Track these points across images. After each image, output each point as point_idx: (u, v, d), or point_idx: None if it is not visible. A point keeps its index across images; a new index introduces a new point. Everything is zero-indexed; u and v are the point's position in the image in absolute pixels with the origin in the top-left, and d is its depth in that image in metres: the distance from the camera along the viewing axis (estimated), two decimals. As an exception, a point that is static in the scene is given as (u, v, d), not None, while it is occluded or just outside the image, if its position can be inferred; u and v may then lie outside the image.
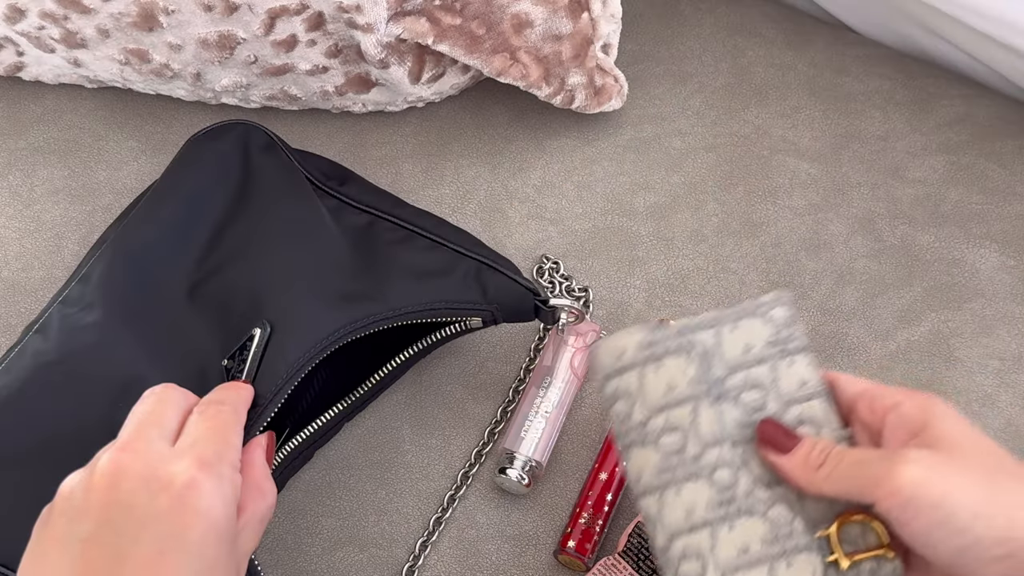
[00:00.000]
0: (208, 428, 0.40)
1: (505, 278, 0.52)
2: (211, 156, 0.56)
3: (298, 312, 0.49)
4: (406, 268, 0.51)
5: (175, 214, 0.54)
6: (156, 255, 0.53)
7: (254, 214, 0.53)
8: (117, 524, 0.36)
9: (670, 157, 0.64)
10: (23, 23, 0.58)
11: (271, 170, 0.55)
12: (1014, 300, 0.59)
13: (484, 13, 0.57)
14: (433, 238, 0.53)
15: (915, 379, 0.56)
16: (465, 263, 0.52)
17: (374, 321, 0.49)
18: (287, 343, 0.47)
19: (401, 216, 0.54)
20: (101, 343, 0.50)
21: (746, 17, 0.70)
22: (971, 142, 0.64)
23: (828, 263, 0.60)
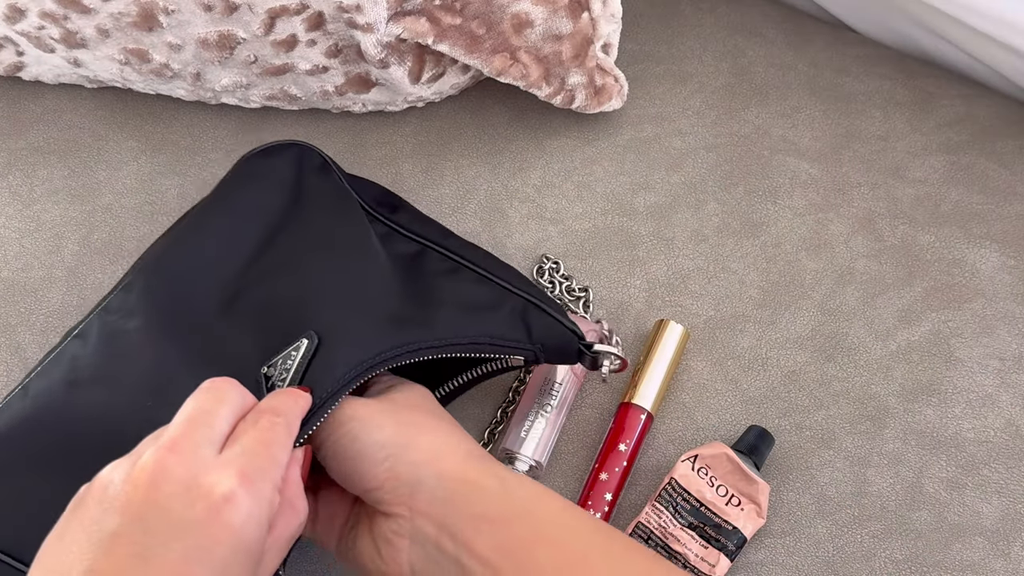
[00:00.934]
0: (258, 441, 0.40)
1: (551, 319, 0.51)
2: (264, 173, 0.56)
3: (347, 328, 0.48)
4: (454, 300, 0.51)
5: (223, 225, 0.54)
6: (200, 263, 0.52)
7: (304, 230, 0.53)
8: (149, 525, 0.36)
9: (670, 157, 0.64)
10: (23, 23, 0.58)
11: (324, 191, 0.55)
12: (1014, 300, 0.58)
13: (484, 13, 0.57)
14: (481, 272, 0.53)
15: (915, 379, 0.56)
16: (511, 300, 0.52)
17: (421, 348, 0.48)
18: (335, 357, 0.47)
19: (450, 247, 0.54)
20: (139, 347, 0.50)
21: (746, 17, 0.70)
22: (971, 142, 0.64)
23: (828, 263, 0.60)
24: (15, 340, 0.58)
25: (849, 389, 0.56)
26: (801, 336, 0.58)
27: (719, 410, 0.56)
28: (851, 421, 0.56)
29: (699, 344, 0.58)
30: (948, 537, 0.53)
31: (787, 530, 0.53)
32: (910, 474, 0.54)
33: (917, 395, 0.56)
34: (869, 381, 0.57)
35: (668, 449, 0.55)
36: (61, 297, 0.60)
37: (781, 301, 0.59)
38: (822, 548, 0.53)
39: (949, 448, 0.55)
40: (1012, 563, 0.52)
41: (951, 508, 0.53)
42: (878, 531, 0.53)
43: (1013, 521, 0.53)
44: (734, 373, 0.57)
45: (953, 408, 0.56)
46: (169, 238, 0.55)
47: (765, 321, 0.58)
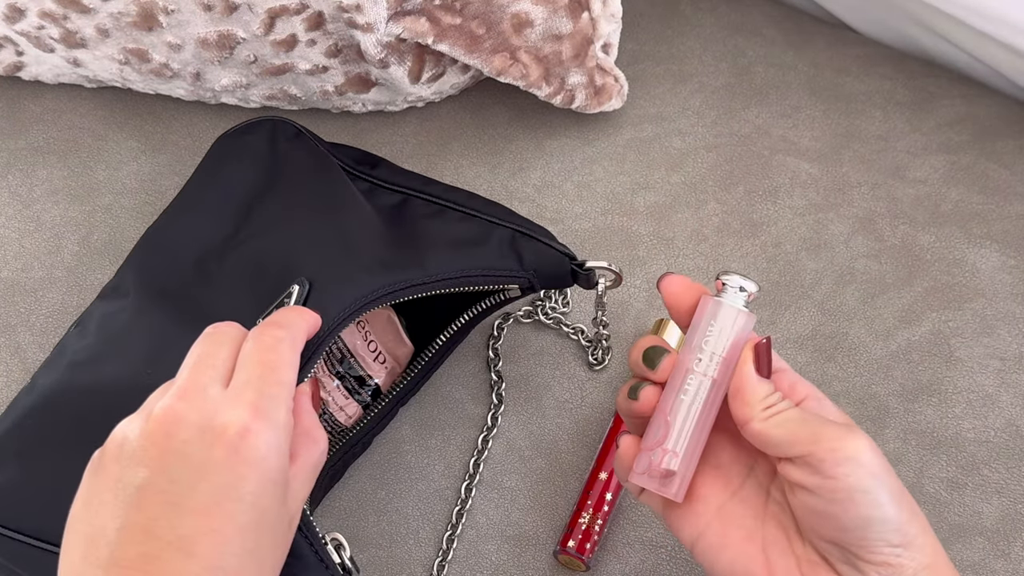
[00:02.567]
0: (262, 364, 0.39)
1: (540, 244, 0.51)
2: (240, 148, 0.56)
3: (337, 273, 0.48)
4: (442, 239, 0.51)
5: (204, 199, 0.55)
6: (185, 236, 0.53)
7: (286, 193, 0.54)
8: (173, 473, 0.37)
9: (670, 157, 0.64)
10: (23, 23, 0.58)
11: (300, 156, 0.56)
12: (1015, 300, 0.58)
13: (484, 13, 0.57)
14: (465, 210, 0.53)
15: (916, 379, 0.56)
16: (499, 231, 0.52)
17: (413, 285, 0.48)
18: (327, 299, 0.46)
19: (432, 192, 0.55)
20: (133, 322, 0.51)
21: (746, 17, 0.70)
22: (972, 142, 0.64)
23: (828, 263, 0.60)
24: (15, 340, 0.58)
25: (849, 389, 0.56)
26: (801, 336, 0.58)
27: (719, 410, 0.56)
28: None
29: (699, 344, 0.58)
30: (948, 537, 0.53)
31: (787, 530, 0.53)
32: (910, 474, 0.54)
33: (917, 395, 0.56)
34: (869, 381, 0.57)
35: (668, 449, 0.55)
36: (61, 297, 0.60)
37: (781, 301, 0.59)
38: (822, 548, 0.53)
39: (949, 448, 0.55)
40: (1012, 563, 0.52)
41: (951, 508, 0.53)
42: (878, 531, 0.53)
43: (1013, 521, 0.53)
44: (734, 373, 0.57)
45: (953, 408, 0.56)
46: (154, 224, 0.56)
47: (765, 321, 0.58)
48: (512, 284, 0.51)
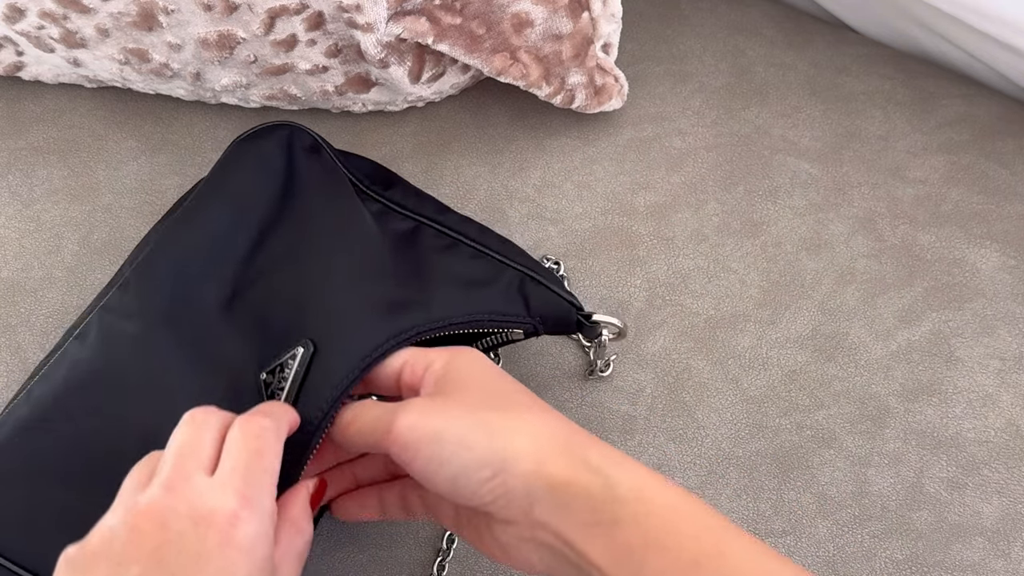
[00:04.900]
0: (248, 451, 0.40)
1: (548, 291, 0.51)
2: (255, 159, 0.56)
3: (342, 326, 0.48)
4: (450, 277, 0.51)
5: (216, 220, 0.54)
6: (196, 262, 0.52)
7: (297, 221, 0.53)
8: (170, 565, 0.37)
9: (670, 157, 0.64)
10: (23, 23, 0.58)
11: (315, 174, 0.55)
12: (1015, 300, 0.58)
13: (484, 12, 0.57)
14: (477, 247, 0.53)
15: (916, 379, 0.56)
16: (508, 273, 0.52)
17: (419, 332, 0.48)
18: (332, 363, 0.47)
19: (445, 223, 0.54)
20: (138, 349, 0.50)
21: (746, 17, 0.70)
22: (972, 142, 0.64)
23: (829, 263, 0.60)
24: (15, 340, 0.58)
25: (849, 389, 0.56)
26: (801, 336, 0.58)
27: (720, 409, 0.56)
28: (851, 421, 0.55)
29: (700, 343, 0.58)
30: (948, 537, 0.53)
31: (787, 529, 0.53)
32: (910, 474, 0.54)
33: (917, 395, 0.56)
34: (869, 381, 0.57)
35: (668, 448, 0.55)
36: (61, 297, 0.60)
37: (781, 301, 0.59)
38: (823, 548, 0.53)
39: (949, 448, 0.55)
40: (1012, 563, 0.52)
41: (951, 508, 0.53)
42: (878, 531, 0.53)
43: (1013, 521, 0.53)
44: (735, 372, 0.57)
45: (953, 408, 0.56)
46: (163, 231, 0.55)
47: (765, 321, 0.58)
48: (517, 329, 0.51)
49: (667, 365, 0.57)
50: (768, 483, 0.54)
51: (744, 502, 0.53)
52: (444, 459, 0.41)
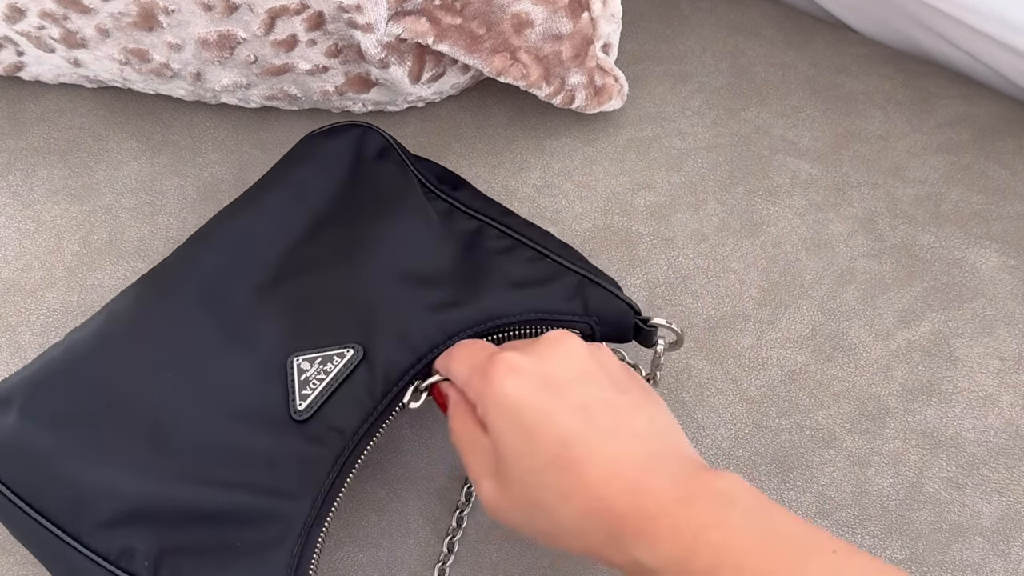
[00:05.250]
0: None
1: (607, 292, 0.51)
2: (323, 154, 0.56)
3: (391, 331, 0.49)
4: (507, 277, 0.51)
5: (272, 203, 0.54)
6: (245, 240, 0.53)
7: (357, 218, 0.53)
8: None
9: (670, 157, 0.64)
10: (23, 23, 0.58)
11: (383, 174, 0.55)
12: (1015, 300, 0.58)
13: (484, 13, 0.57)
14: (539, 249, 0.53)
15: (916, 379, 0.56)
16: (568, 276, 0.52)
17: (465, 329, 0.49)
18: (377, 371, 0.48)
19: (509, 224, 0.54)
20: (171, 315, 0.51)
21: (746, 17, 0.70)
22: (971, 142, 0.64)
23: (828, 263, 0.60)
24: (15, 340, 0.58)
25: (849, 389, 0.56)
26: (801, 336, 0.58)
27: (719, 409, 0.56)
28: (851, 421, 0.56)
29: (699, 343, 0.58)
30: (948, 537, 0.53)
31: (787, 530, 0.53)
32: (910, 474, 0.54)
33: (917, 395, 0.56)
34: (869, 381, 0.57)
35: (668, 449, 0.55)
36: (61, 297, 0.60)
37: (781, 301, 0.59)
38: (822, 548, 0.53)
39: (949, 448, 0.55)
40: (1012, 563, 0.52)
41: (951, 508, 0.53)
42: (878, 531, 0.53)
43: (1013, 521, 0.53)
44: (734, 372, 0.57)
45: (953, 408, 0.56)
46: (220, 213, 0.56)
47: (765, 320, 0.58)
48: (574, 329, 0.50)
49: (667, 365, 0.57)
50: (768, 483, 0.54)
51: (744, 502, 0.54)
52: None
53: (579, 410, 0.42)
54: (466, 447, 0.45)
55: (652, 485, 0.40)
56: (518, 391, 0.42)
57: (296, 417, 0.47)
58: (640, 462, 0.41)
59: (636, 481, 0.40)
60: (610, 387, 0.43)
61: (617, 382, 0.44)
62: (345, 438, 0.47)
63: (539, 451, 0.41)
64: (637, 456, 0.41)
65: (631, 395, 0.44)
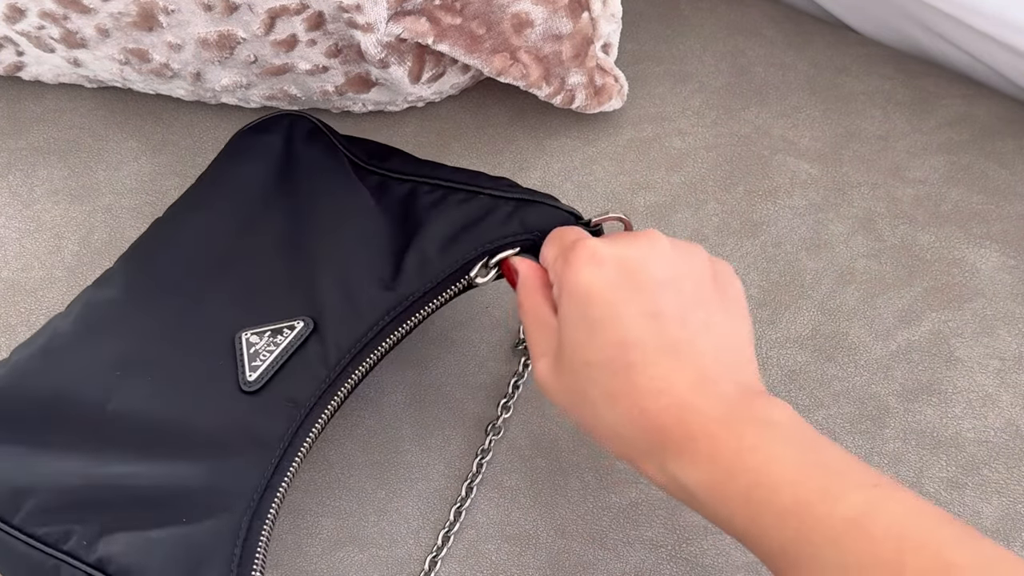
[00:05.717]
0: None
1: (544, 207, 0.51)
2: (254, 147, 0.56)
3: (341, 304, 0.49)
4: (444, 231, 0.51)
5: (212, 196, 0.55)
6: (189, 234, 0.53)
7: (293, 202, 0.54)
8: None
9: (670, 157, 0.64)
10: (23, 23, 0.58)
11: (313, 157, 0.55)
12: (1015, 300, 0.58)
13: (484, 13, 0.57)
14: (468, 188, 0.52)
15: (915, 379, 0.56)
16: (502, 204, 0.51)
17: (415, 301, 0.49)
18: (329, 343, 0.48)
19: (439, 176, 0.54)
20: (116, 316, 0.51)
21: (746, 17, 0.70)
22: (971, 142, 0.64)
23: (828, 263, 0.60)
24: (15, 340, 0.58)
25: (849, 389, 0.56)
26: (801, 336, 0.58)
27: (719, 410, 0.56)
28: (851, 421, 0.56)
29: (699, 344, 0.58)
30: (948, 537, 0.53)
31: (787, 530, 0.53)
32: (910, 474, 0.54)
33: (917, 395, 0.56)
34: (869, 381, 0.57)
35: (668, 449, 0.55)
36: (61, 297, 0.60)
37: (781, 301, 0.59)
38: (822, 548, 0.53)
39: (949, 448, 0.55)
40: (1012, 563, 0.52)
41: (951, 508, 0.53)
42: (878, 531, 0.53)
43: (1013, 521, 0.53)
44: (734, 373, 0.57)
45: (953, 408, 0.56)
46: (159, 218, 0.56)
47: (765, 321, 0.58)
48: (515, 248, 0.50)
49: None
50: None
51: (744, 502, 0.54)
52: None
53: (648, 317, 0.41)
54: (531, 322, 0.45)
55: (699, 405, 0.39)
56: (593, 281, 0.41)
57: (245, 388, 0.47)
58: (693, 381, 0.40)
59: (684, 399, 0.39)
60: (690, 297, 0.42)
61: (700, 290, 0.42)
62: (299, 407, 0.47)
63: (597, 347, 0.41)
64: (692, 375, 0.40)
65: (707, 308, 0.42)
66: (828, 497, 0.36)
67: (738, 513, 0.38)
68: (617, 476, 0.54)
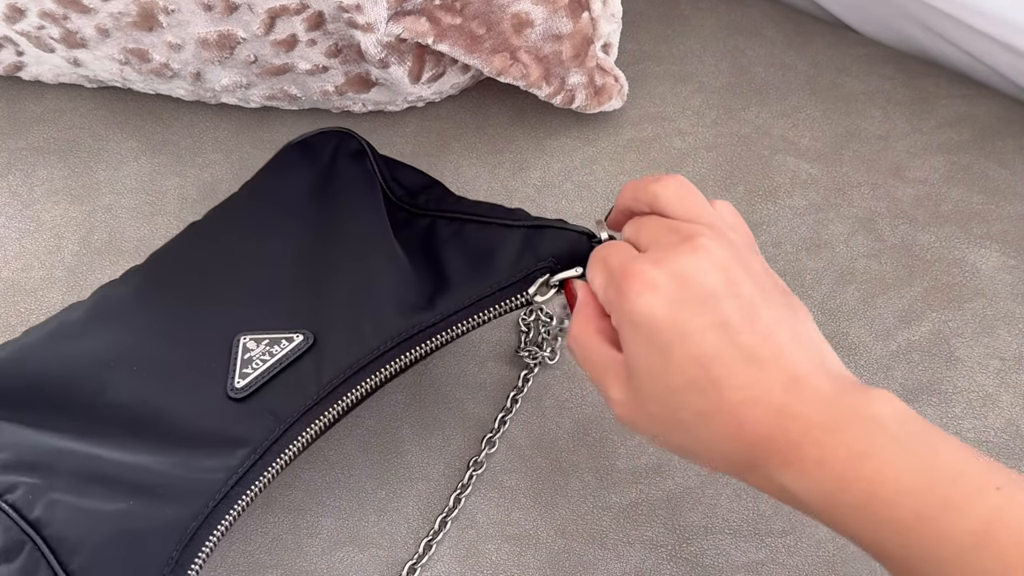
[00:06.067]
0: None
1: (555, 231, 0.50)
2: (298, 161, 0.56)
3: (343, 324, 0.49)
4: (457, 263, 0.51)
5: (245, 204, 0.55)
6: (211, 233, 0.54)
7: (320, 221, 0.53)
8: None
9: (670, 157, 0.64)
10: (23, 23, 0.58)
11: (349, 178, 0.55)
12: (1015, 300, 0.58)
13: (484, 13, 0.57)
14: (483, 219, 0.52)
15: (916, 379, 0.56)
16: (514, 234, 0.50)
17: (423, 331, 0.48)
18: (326, 361, 0.48)
19: (457, 209, 0.53)
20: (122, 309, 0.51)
21: (746, 17, 0.70)
22: (971, 142, 0.64)
23: (829, 263, 0.60)
24: (15, 340, 0.58)
25: (849, 389, 0.56)
26: (801, 336, 0.58)
27: (719, 410, 0.56)
28: (851, 421, 0.55)
29: (699, 344, 0.58)
30: (948, 537, 0.53)
31: (787, 529, 0.53)
32: (910, 474, 0.54)
33: (917, 395, 0.56)
34: (869, 381, 0.57)
35: (668, 449, 0.55)
36: (61, 297, 0.60)
37: (781, 301, 0.59)
38: (823, 548, 0.52)
39: (949, 448, 0.55)
40: (1012, 563, 0.52)
41: (951, 508, 0.53)
42: (878, 531, 0.53)
43: (1013, 521, 0.53)
44: (734, 373, 0.57)
45: (953, 408, 0.56)
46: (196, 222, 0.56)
47: (765, 321, 0.58)
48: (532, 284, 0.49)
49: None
50: (768, 483, 0.54)
51: (744, 502, 0.53)
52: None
53: (717, 328, 0.39)
54: (584, 353, 0.44)
55: (796, 410, 0.38)
56: (653, 307, 0.40)
57: (232, 395, 0.47)
58: (784, 385, 0.38)
59: (779, 405, 0.38)
60: (752, 298, 0.40)
61: (762, 290, 0.41)
62: (279, 421, 0.46)
63: (676, 371, 0.39)
64: (780, 378, 0.38)
65: (773, 306, 0.40)
66: (951, 509, 0.34)
67: (855, 524, 0.36)
68: (617, 476, 0.54)
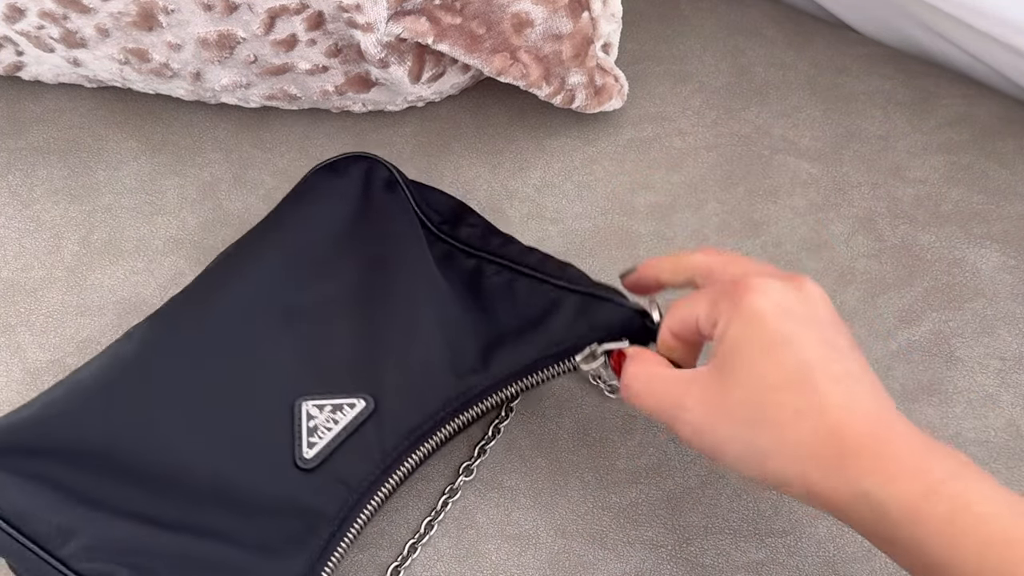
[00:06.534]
0: None
1: (610, 304, 0.50)
2: (329, 191, 0.55)
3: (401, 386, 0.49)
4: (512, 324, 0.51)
5: (281, 241, 0.54)
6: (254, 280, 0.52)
7: (364, 260, 0.53)
8: None
9: (671, 157, 0.64)
10: (22, 22, 0.58)
11: (388, 214, 0.54)
12: (1015, 300, 0.58)
13: (484, 12, 0.57)
14: (536, 275, 0.52)
15: (916, 379, 0.56)
16: (569, 299, 0.51)
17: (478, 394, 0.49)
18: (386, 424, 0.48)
19: (506, 255, 0.53)
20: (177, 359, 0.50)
21: (746, 17, 0.70)
22: (972, 142, 0.64)
23: (829, 263, 0.60)
24: (15, 340, 0.58)
25: (849, 389, 0.56)
26: (801, 336, 0.58)
27: (719, 410, 0.56)
28: (851, 421, 0.55)
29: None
30: (949, 537, 0.53)
31: (787, 529, 0.53)
32: (910, 474, 0.54)
33: (917, 395, 0.56)
34: (869, 381, 0.57)
35: (668, 448, 0.55)
36: (61, 297, 0.60)
37: (781, 301, 0.59)
38: (823, 548, 0.53)
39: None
40: (1013, 563, 0.52)
41: (952, 508, 0.53)
42: (878, 531, 0.53)
43: (1014, 521, 0.53)
44: (734, 373, 0.57)
45: (954, 408, 0.56)
46: (227, 251, 0.55)
47: (765, 321, 0.58)
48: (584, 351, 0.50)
49: (667, 365, 0.57)
50: (768, 483, 0.54)
51: (744, 502, 0.53)
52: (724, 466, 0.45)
53: (823, 344, 0.42)
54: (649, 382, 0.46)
55: (895, 423, 0.41)
56: (767, 307, 0.43)
57: (301, 465, 0.47)
58: (880, 402, 0.42)
59: (878, 416, 0.41)
60: (852, 343, 0.44)
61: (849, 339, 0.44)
62: (352, 490, 0.47)
63: (777, 368, 0.42)
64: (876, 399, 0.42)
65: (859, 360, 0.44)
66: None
67: (935, 534, 0.38)
68: (617, 476, 0.54)
